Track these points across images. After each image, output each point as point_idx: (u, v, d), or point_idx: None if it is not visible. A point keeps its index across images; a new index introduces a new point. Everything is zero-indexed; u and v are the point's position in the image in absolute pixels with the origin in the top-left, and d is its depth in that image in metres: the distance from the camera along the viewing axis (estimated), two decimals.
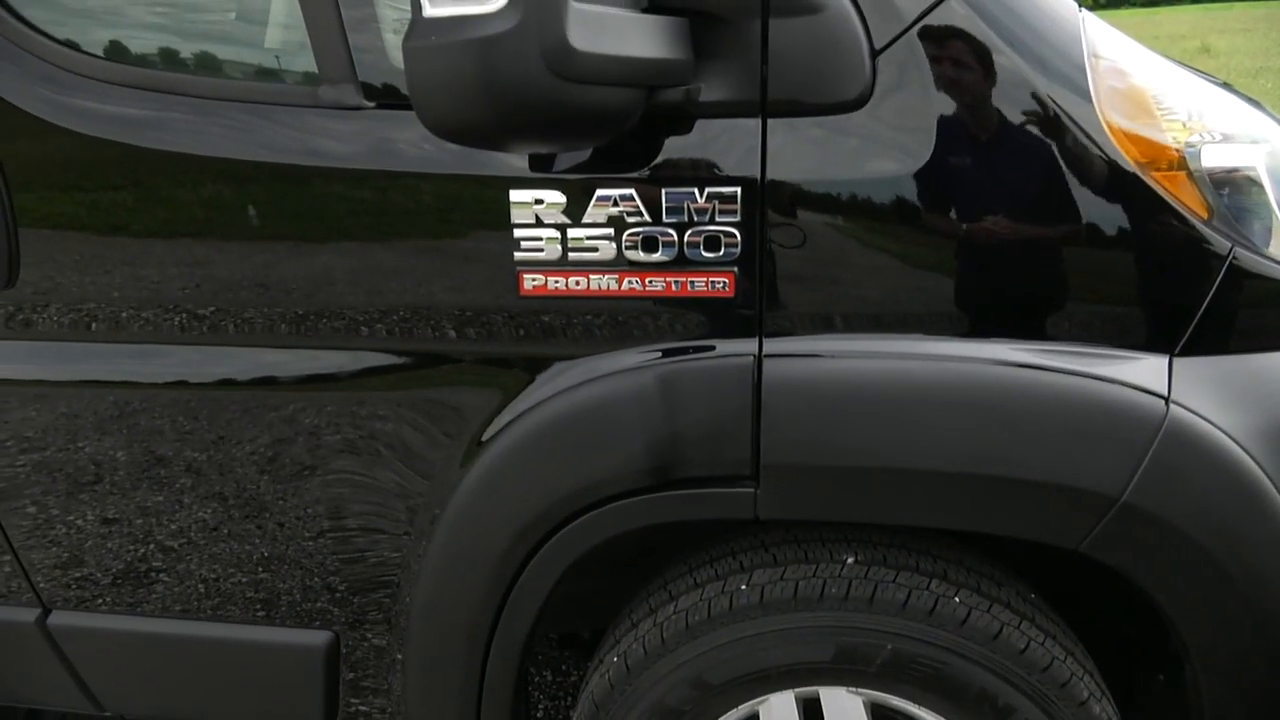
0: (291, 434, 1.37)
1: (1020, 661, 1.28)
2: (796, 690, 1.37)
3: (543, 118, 0.97)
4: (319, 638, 1.47)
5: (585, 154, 1.19)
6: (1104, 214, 1.15)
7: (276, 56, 1.32)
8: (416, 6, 0.91)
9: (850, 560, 1.34)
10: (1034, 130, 1.14)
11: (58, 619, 1.54)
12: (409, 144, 1.22)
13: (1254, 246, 1.19)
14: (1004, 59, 1.13)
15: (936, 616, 1.28)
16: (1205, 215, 1.16)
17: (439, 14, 0.90)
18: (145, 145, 1.26)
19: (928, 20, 1.12)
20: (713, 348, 1.23)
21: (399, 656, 1.46)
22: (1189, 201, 1.15)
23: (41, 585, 1.53)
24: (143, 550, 1.48)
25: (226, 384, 1.36)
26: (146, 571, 1.50)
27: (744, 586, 1.35)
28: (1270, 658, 1.22)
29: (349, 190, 1.24)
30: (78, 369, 1.39)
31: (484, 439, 1.31)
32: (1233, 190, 1.18)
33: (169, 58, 1.31)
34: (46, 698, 1.62)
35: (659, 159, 1.17)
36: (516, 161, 1.19)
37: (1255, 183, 1.19)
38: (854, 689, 1.35)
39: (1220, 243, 1.17)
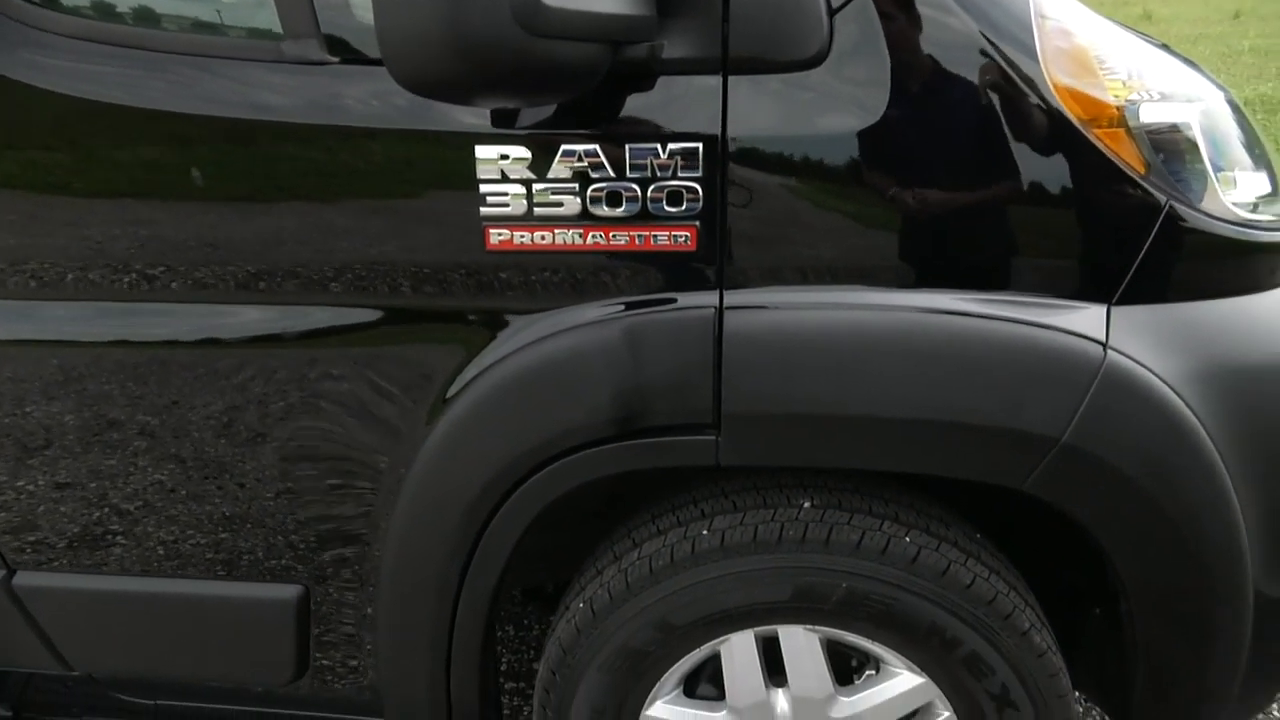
0: (259, 392, 1.38)
1: (966, 596, 1.36)
2: (756, 629, 1.43)
3: (511, 72, 0.98)
4: (289, 591, 1.49)
5: (550, 110, 1.21)
6: (1047, 169, 1.20)
7: (240, 11, 1.31)
8: None
9: (806, 504, 1.40)
10: (982, 88, 1.18)
11: (22, 579, 1.54)
12: (372, 100, 1.22)
13: (1188, 201, 1.25)
14: (955, 19, 1.17)
15: (888, 555, 1.35)
16: (1143, 171, 1.22)
17: None
18: (102, 100, 1.25)
19: None
20: (675, 300, 1.27)
21: (369, 610, 1.50)
22: (1127, 157, 1.21)
23: (4, 547, 1.53)
24: (104, 511, 1.49)
25: (209, 343, 1.36)
26: (108, 531, 1.51)
27: (705, 532, 1.40)
28: (1197, 587, 1.30)
29: (312, 146, 1.24)
30: (45, 329, 1.39)
31: (449, 395, 1.34)
32: (1169, 147, 1.24)
33: (129, 11, 1.29)
34: (14, 659, 1.62)
35: (622, 115, 1.20)
36: (482, 118, 1.20)
37: (1190, 140, 1.25)
38: (811, 627, 1.42)
39: (1156, 197, 1.23)
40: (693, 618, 1.40)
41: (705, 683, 1.53)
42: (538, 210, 1.23)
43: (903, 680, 1.44)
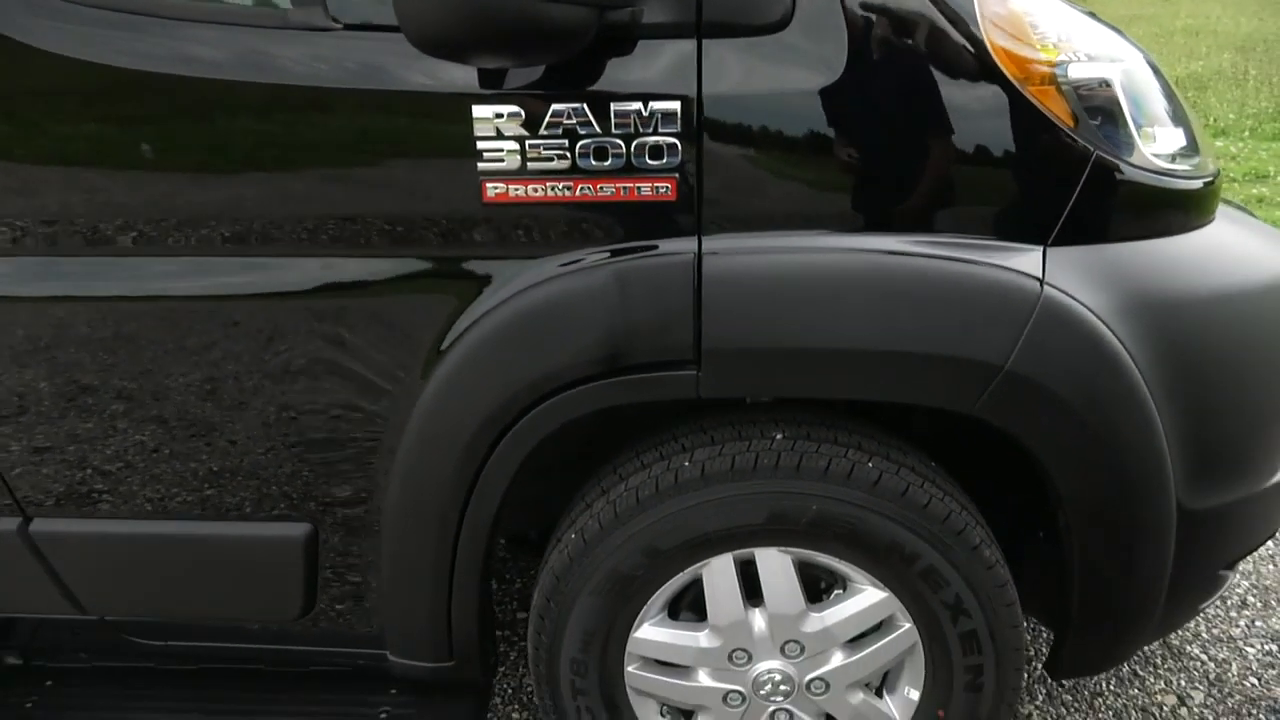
0: (266, 341, 1.47)
1: (923, 515, 1.50)
2: (734, 552, 1.56)
3: (511, 32, 1.10)
4: (298, 529, 1.59)
5: (539, 73, 1.32)
6: (987, 123, 1.34)
7: None
8: None
9: (778, 436, 1.53)
10: (928, 50, 1.32)
11: (39, 526, 1.62)
12: (376, 64, 1.33)
13: (1113, 152, 1.40)
14: None
15: (853, 479, 1.49)
16: (1072, 124, 1.36)
17: None
18: (117, 64, 1.34)
19: None
20: (656, 247, 1.39)
21: (374, 546, 1.60)
22: (1058, 112, 1.35)
23: (21, 494, 1.60)
24: (118, 457, 1.57)
25: (210, 297, 1.46)
26: (122, 478, 1.60)
27: (687, 463, 1.53)
28: (1124, 497, 1.46)
29: (322, 107, 1.34)
30: (52, 285, 1.47)
31: (449, 337, 1.45)
32: (1094, 103, 1.39)
33: None
34: (29, 604, 1.70)
35: (607, 76, 1.31)
36: (479, 79, 1.31)
37: (1113, 96, 1.40)
38: (784, 548, 1.55)
39: (1084, 149, 1.37)
40: (677, 542, 1.53)
41: (686, 610, 1.66)
42: (530, 165, 1.34)
43: (867, 595, 1.58)
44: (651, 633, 1.63)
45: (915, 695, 1.65)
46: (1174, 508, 1.51)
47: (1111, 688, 2.17)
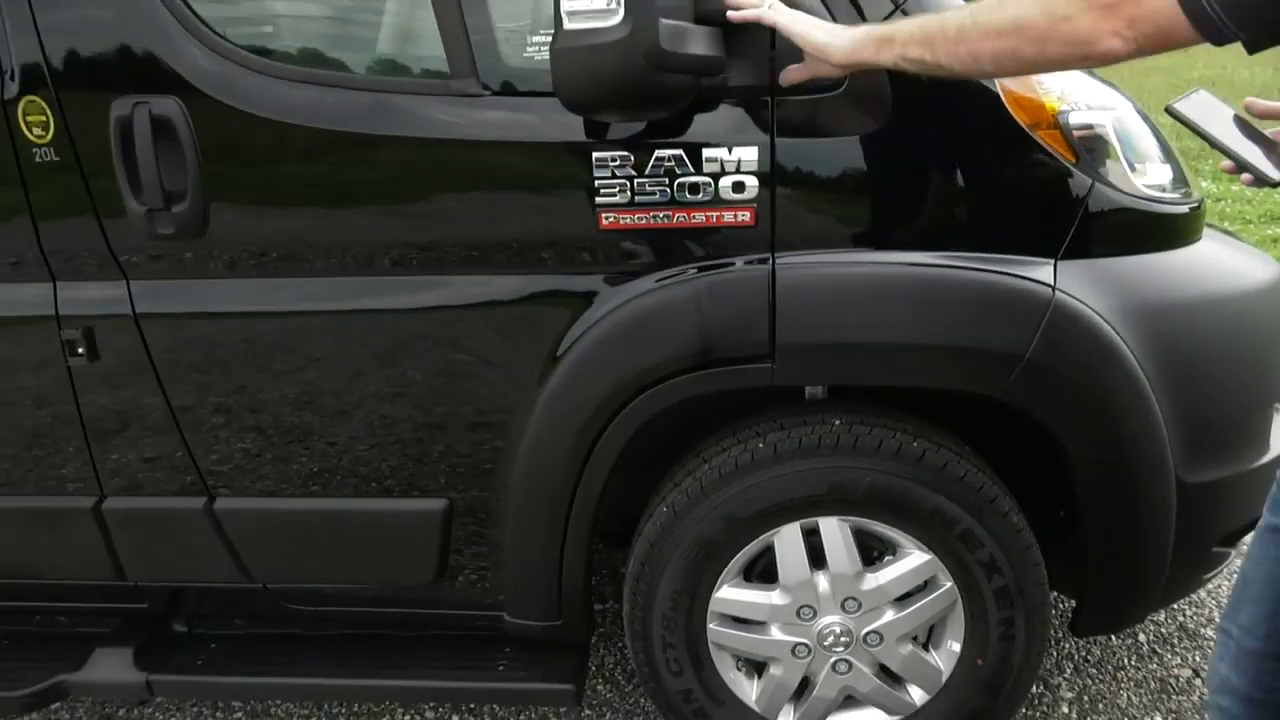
0: (422, 348, 1.82)
1: (960, 485, 1.79)
2: (801, 521, 1.86)
3: (638, 97, 1.45)
4: (438, 504, 1.91)
5: (643, 125, 1.67)
6: (1004, 160, 1.67)
7: (418, 58, 1.77)
8: (559, 21, 1.39)
9: (836, 422, 1.84)
10: (956, 101, 1.65)
11: (222, 504, 1.95)
12: (516, 121, 1.68)
13: (1108, 183, 1.72)
14: None
15: (901, 455, 1.79)
16: (1074, 160, 1.68)
17: (576, 26, 1.37)
18: (314, 125, 1.70)
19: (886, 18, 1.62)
20: (738, 263, 1.72)
21: (501, 517, 1.91)
22: (1062, 151, 1.67)
23: (208, 476, 1.94)
24: (294, 444, 1.91)
25: (367, 311, 1.80)
26: (296, 461, 1.93)
27: (761, 444, 1.84)
28: (1129, 467, 1.75)
29: (474, 156, 1.70)
30: (255, 301, 1.82)
31: (569, 340, 1.78)
32: (1092, 143, 1.71)
33: (334, 60, 1.75)
34: (206, 573, 2.02)
35: (701, 127, 1.65)
36: (599, 130, 1.65)
37: (1106, 137, 1.72)
38: (843, 517, 1.85)
39: (1084, 180, 1.69)
40: (753, 510, 1.83)
41: (757, 577, 1.95)
42: (637, 199, 1.68)
43: (914, 558, 1.86)
44: (731, 593, 1.92)
45: (957, 647, 1.93)
46: (1173, 479, 1.79)
47: (1133, 662, 2.43)
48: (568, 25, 1.38)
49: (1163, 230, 1.82)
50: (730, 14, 1.53)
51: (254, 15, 1.85)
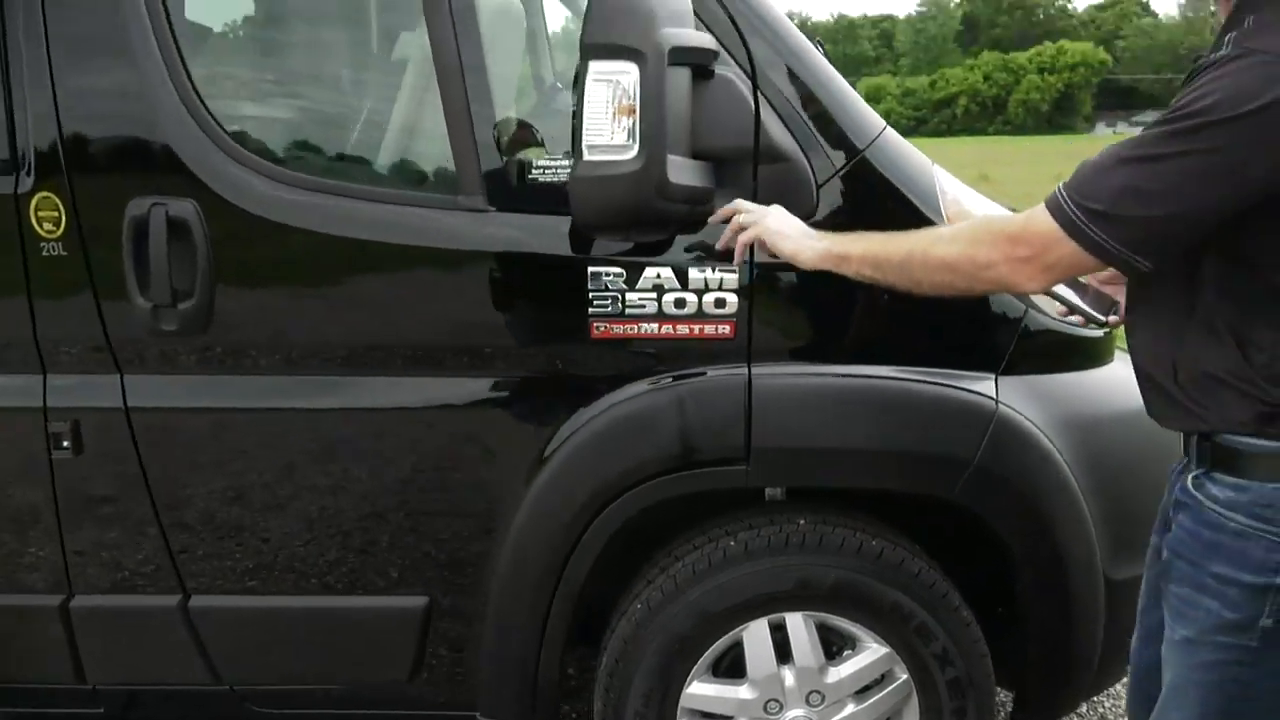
0: (409, 447, 1.89)
1: (915, 580, 1.94)
2: (769, 616, 1.97)
3: (644, 221, 1.61)
4: (418, 602, 1.95)
5: (629, 244, 1.83)
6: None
7: (429, 173, 1.91)
8: (579, 153, 1.55)
9: (801, 521, 1.97)
10: None
11: (197, 602, 1.94)
12: (519, 236, 1.82)
13: (1038, 309, 1.96)
14: (902, 194, 1.86)
15: (862, 553, 1.93)
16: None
17: (594, 158, 1.54)
18: (326, 231, 1.81)
19: (847, 170, 1.84)
20: (719, 371, 1.87)
21: (480, 614, 1.96)
22: None
23: (185, 574, 1.94)
24: (272, 542, 1.93)
25: (367, 410, 1.88)
26: (274, 559, 1.95)
27: (732, 543, 1.96)
28: (1062, 563, 1.93)
29: (478, 266, 1.83)
30: (250, 398, 1.87)
31: (555, 442, 1.88)
32: None
33: (349, 171, 1.87)
34: (172, 674, 1.99)
35: (688, 247, 1.82)
36: (595, 247, 1.80)
37: None
38: (808, 612, 1.96)
39: (1019, 306, 1.92)
40: (725, 605, 1.93)
41: (724, 672, 2.04)
42: (628, 310, 1.83)
43: (873, 652, 1.99)
44: (701, 688, 2.00)
45: None
46: (1101, 576, 1.98)
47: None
48: (588, 157, 1.55)
49: (1084, 352, 2.06)
50: (720, 244, 1.73)
51: (273, 124, 1.96)
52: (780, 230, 1.66)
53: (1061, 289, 1.67)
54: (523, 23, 2.30)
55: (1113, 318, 1.71)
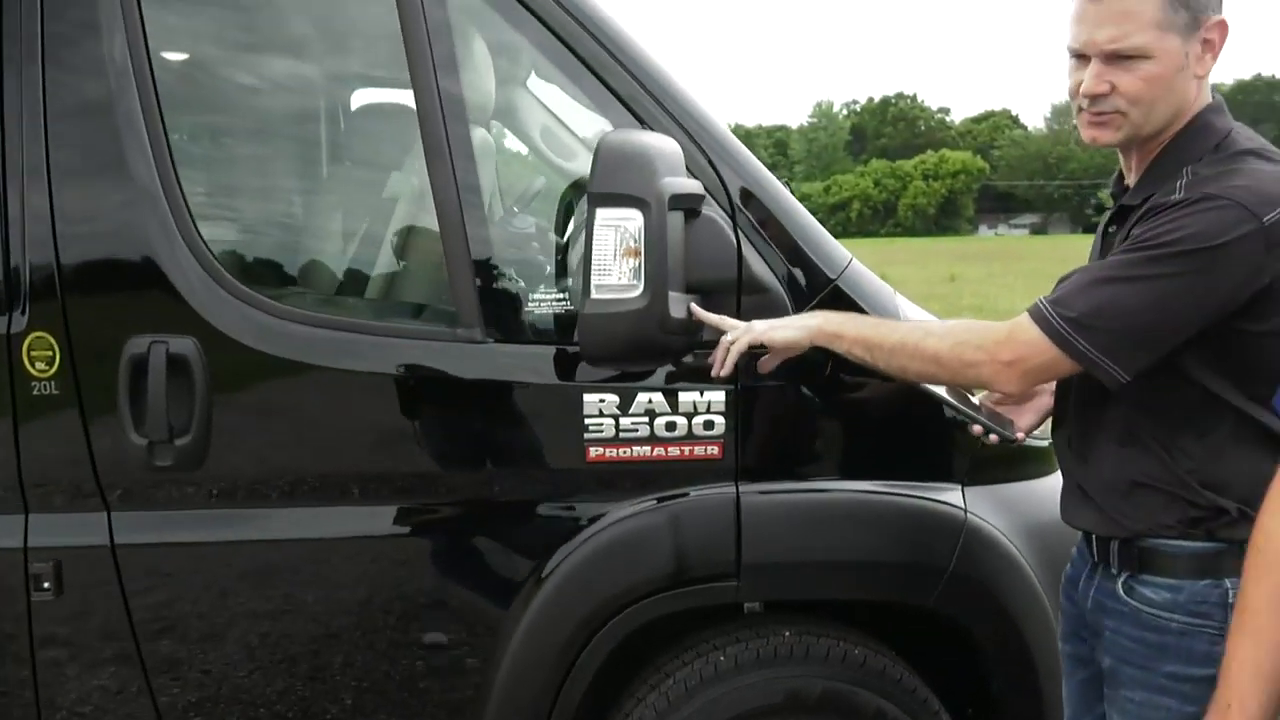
0: (407, 573, 1.90)
1: (897, 687, 2.02)
2: None
3: (647, 355, 1.71)
4: None
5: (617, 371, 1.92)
6: (923, 406, 2.02)
7: (430, 308, 1.97)
8: (586, 291, 1.65)
9: (786, 633, 2.04)
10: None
11: None
12: (516, 367, 1.90)
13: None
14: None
15: (847, 663, 2.01)
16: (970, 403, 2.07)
17: (602, 296, 1.64)
18: (325, 364, 1.85)
19: (820, 299, 1.99)
20: (707, 491, 1.96)
21: None
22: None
23: (163, 704, 1.88)
24: (259, 671, 1.90)
25: (365, 538, 1.89)
26: (260, 690, 1.91)
27: (722, 658, 2.01)
28: (1026, 654, 2.03)
29: (476, 396, 1.89)
30: (246, 531, 1.87)
31: (551, 563, 1.92)
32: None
33: (349, 305, 1.92)
34: None
35: (677, 374, 1.92)
36: (587, 374, 1.89)
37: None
38: None
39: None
40: None
41: None
42: (622, 434, 1.91)
43: None
44: None
45: None
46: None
47: None
48: (595, 295, 1.65)
49: (1038, 460, 2.22)
50: (717, 366, 1.75)
51: (272, 262, 2.01)
52: (769, 325, 1.73)
53: (970, 408, 1.83)
54: (494, 156, 2.43)
55: (1019, 434, 1.82)
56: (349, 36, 2.28)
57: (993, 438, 1.79)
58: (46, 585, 1.80)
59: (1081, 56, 1.50)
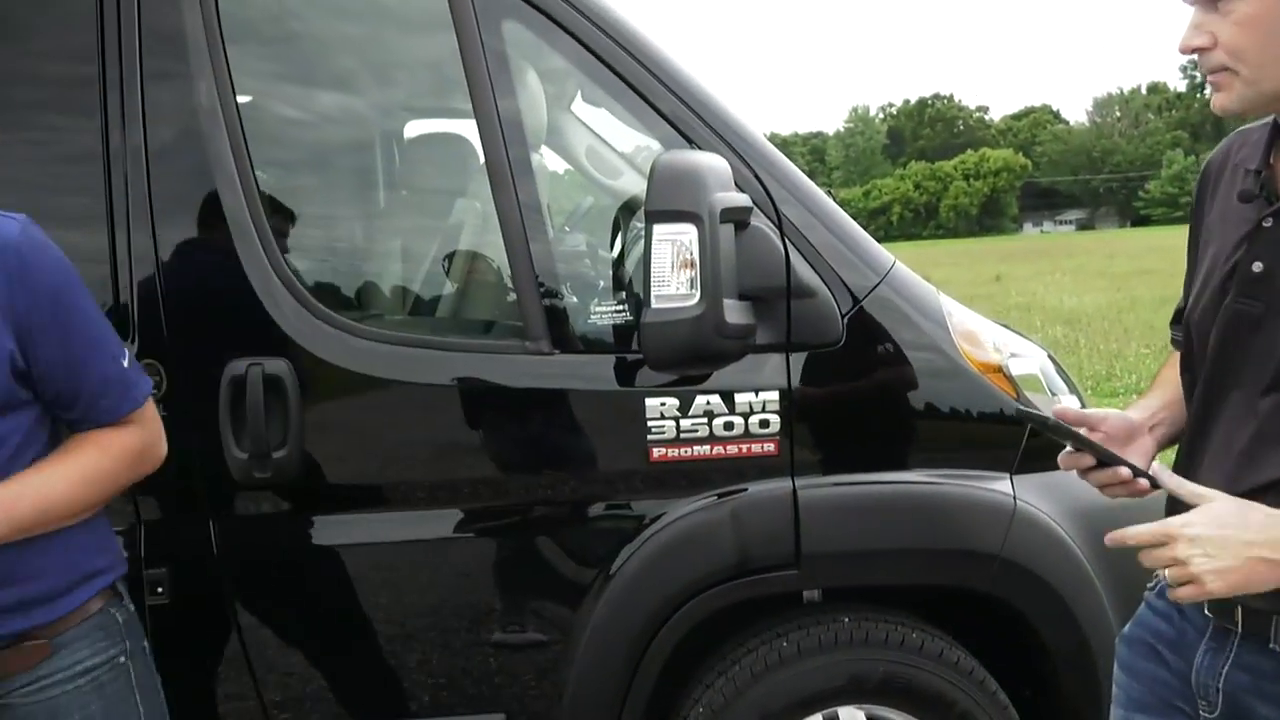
0: (489, 571, 2.04)
1: (956, 670, 2.11)
2: (823, 711, 2.11)
3: (705, 360, 1.83)
4: (495, 719, 2.07)
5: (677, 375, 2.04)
6: (972, 400, 2.12)
7: (499, 323, 2.12)
8: (648, 301, 1.77)
9: (846, 619, 2.14)
10: (927, 359, 2.11)
11: None
12: (583, 375, 2.03)
13: (1040, 409, 2.20)
14: (915, 320, 2.11)
15: (905, 646, 2.10)
16: (1016, 396, 2.16)
17: (661, 305, 1.77)
18: (406, 379, 2.00)
19: (866, 301, 2.09)
20: (765, 486, 2.07)
21: None
22: (1008, 390, 2.15)
23: (269, 701, 2.03)
24: (359, 664, 2.05)
25: (445, 540, 2.03)
26: (352, 683, 2.05)
27: (785, 644, 2.11)
28: (1081, 638, 2.10)
29: (547, 403, 2.02)
30: (331, 537, 2.02)
31: (621, 558, 2.04)
32: (1025, 383, 2.20)
33: (425, 324, 2.07)
34: None
35: (734, 376, 2.04)
36: (647, 380, 2.01)
37: (1036, 378, 2.22)
38: (858, 705, 2.11)
39: (1023, 410, 2.16)
40: (783, 704, 2.07)
41: None
42: (682, 435, 2.03)
43: None
44: None
45: None
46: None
47: None
48: (655, 305, 1.78)
49: None
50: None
51: (352, 287, 2.17)
52: (1214, 568, 1.19)
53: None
54: (548, 177, 2.57)
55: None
56: (412, 71, 2.45)
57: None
58: (160, 589, 1.96)
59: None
